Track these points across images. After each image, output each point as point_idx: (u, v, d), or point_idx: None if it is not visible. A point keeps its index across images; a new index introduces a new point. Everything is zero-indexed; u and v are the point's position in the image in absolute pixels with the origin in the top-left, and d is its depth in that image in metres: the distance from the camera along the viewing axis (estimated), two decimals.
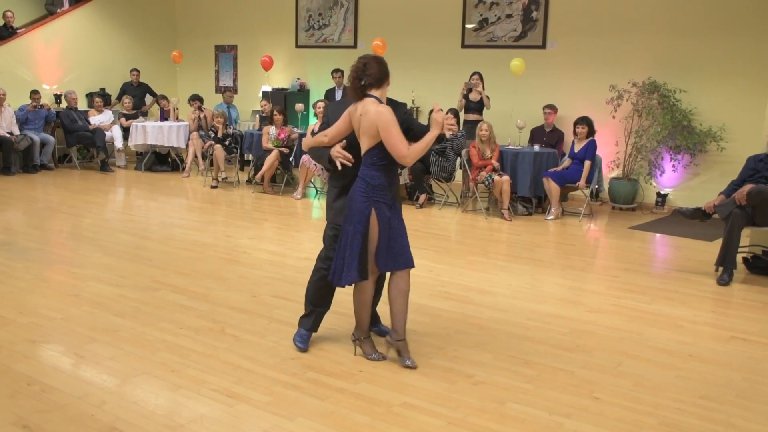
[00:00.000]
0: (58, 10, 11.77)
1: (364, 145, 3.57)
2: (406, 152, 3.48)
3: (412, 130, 3.77)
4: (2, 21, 11.05)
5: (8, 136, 9.92)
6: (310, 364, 3.71)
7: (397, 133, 3.46)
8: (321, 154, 3.75)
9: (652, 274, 5.84)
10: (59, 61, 11.55)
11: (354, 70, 3.60)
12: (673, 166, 8.57)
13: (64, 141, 10.90)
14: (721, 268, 5.60)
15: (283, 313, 4.48)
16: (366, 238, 3.59)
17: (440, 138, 3.61)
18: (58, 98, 11.22)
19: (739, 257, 5.78)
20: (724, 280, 5.49)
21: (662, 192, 8.73)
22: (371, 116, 3.49)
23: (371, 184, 3.57)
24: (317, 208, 8.55)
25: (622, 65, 8.82)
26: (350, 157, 3.61)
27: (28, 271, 5.29)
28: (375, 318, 4.07)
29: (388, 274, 3.77)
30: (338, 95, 10.31)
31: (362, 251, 3.59)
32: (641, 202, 8.82)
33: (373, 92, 3.58)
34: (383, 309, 4.05)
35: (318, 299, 3.91)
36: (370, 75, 3.56)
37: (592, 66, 9.10)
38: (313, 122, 9.57)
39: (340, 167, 3.63)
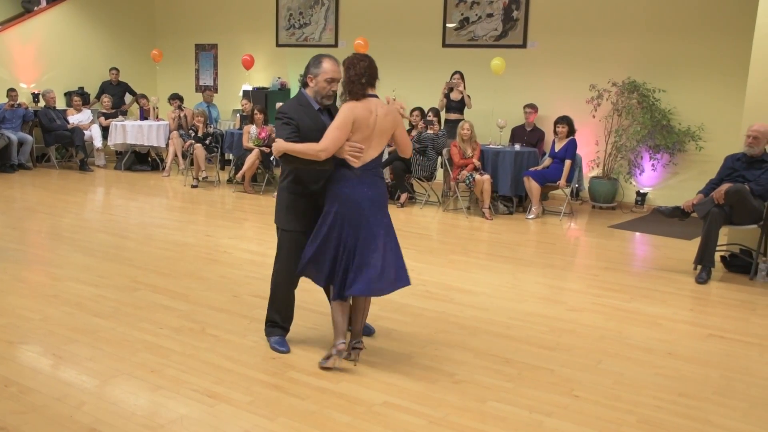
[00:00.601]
0: (36, 8, 11.62)
1: (379, 147, 3.58)
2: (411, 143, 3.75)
3: None
4: None
5: None
6: (290, 363, 3.69)
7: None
8: (305, 162, 3.50)
9: (632, 272, 5.90)
10: (37, 60, 11.40)
11: (355, 69, 3.54)
12: (653, 165, 8.66)
13: (42, 140, 10.76)
14: (699, 267, 5.67)
15: (264, 312, 4.44)
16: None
17: (424, 150, 3.80)
18: (36, 97, 11.08)
19: (717, 256, 5.85)
20: (703, 278, 5.56)
21: (642, 191, 8.82)
22: (394, 116, 3.61)
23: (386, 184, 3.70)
24: None
25: (602, 65, 8.90)
26: (362, 147, 3.52)
27: (6, 272, 5.22)
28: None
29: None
30: None
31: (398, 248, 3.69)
32: (621, 201, 8.91)
33: (371, 91, 3.59)
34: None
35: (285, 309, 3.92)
36: (371, 74, 3.57)
37: (573, 65, 9.17)
38: None
39: (357, 162, 3.53)
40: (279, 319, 3.90)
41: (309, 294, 4.42)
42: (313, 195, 3.66)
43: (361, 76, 3.53)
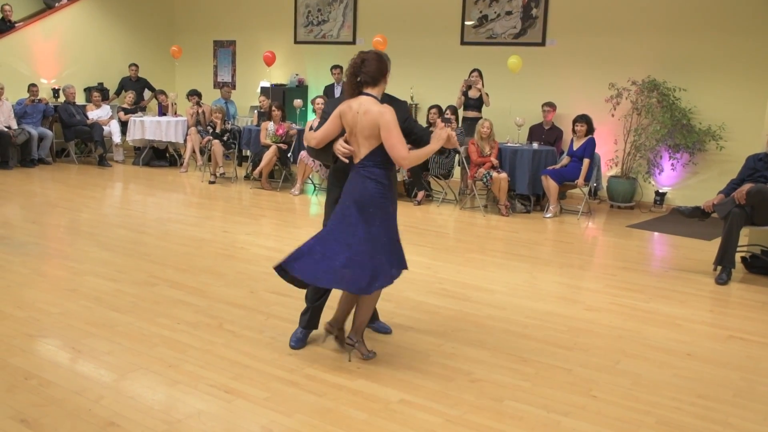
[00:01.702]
0: (57, 4, 11.72)
1: (368, 145, 3.49)
2: (406, 154, 3.46)
3: (414, 133, 3.74)
4: (0, 15, 11.00)
5: (6, 130, 9.88)
6: (308, 360, 3.70)
7: (398, 135, 3.42)
8: (315, 151, 3.74)
9: (650, 272, 5.84)
10: (57, 56, 11.51)
11: (351, 66, 3.55)
12: (672, 164, 8.57)
13: (62, 135, 10.87)
14: (719, 268, 5.60)
15: (281, 309, 4.47)
16: (394, 232, 3.64)
17: (441, 149, 3.65)
18: (56, 92, 11.19)
19: (738, 257, 5.78)
20: (723, 279, 5.49)
21: (661, 191, 8.73)
22: (373, 115, 3.43)
23: (385, 184, 3.54)
24: (315, 204, 8.53)
25: (621, 63, 8.81)
26: (354, 150, 3.56)
27: (26, 266, 5.28)
28: (375, 314, 4.07)
29: None
30: (337, 91, 10.28)
31: (396, 246, 3.63)
32: (640, 200, 8.83)
33: (369, 90, 3.54)
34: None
35: (313, 295, 3.91)
36: (367, 72, 3.51)
37: (592, 64, 9.09)
38: (312, 118, 9.54)
39: (347, 161, 3.58)
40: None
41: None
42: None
43: (356, 75, 3.52)
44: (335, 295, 3.98)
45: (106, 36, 12.10)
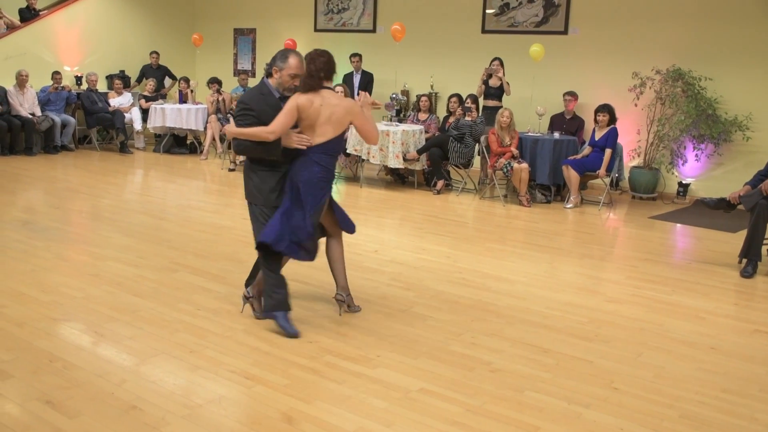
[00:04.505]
0: None
1: (327, 134, 3.85)
2: (377, 132, 4.07)
3: None
4: (25, 3, 11.09)
5: (30, 117, 9.98)
6: (327, 347, 3.70)
7: (371, 118, 4.01)
8: (255, 146, 3.80)
9: (673, 264, 5.77)
10: (80, 43, 11.58)
11: (315, 63, 3.81)
12: (696, 155, 8.45)
13: (84, 122, 10.96)
14: (744, 260, 5.51)
15: (301, 296, 4.48)
16: (320, 213, 3.97)
17: (461, 137, 3.98)
18: (78, 80, 11.27)
19: (764, 249, 5.67)
20: (748, 272, 5.41)
21: (684, 182, 8.61)
22: (345, 107, 3.87)
23: (328, 169, 3.94)
24: (334, 192, 8.50)
25: (645, 52, 8.68)
26: (309, 139, 3.85)
27: (49, 250, 5.33)
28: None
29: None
30: (356, 80, 10.25)
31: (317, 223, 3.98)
32: (662, 191, 8.71)
33: (327, 84, 3.88)
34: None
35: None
36: (329, 69, 3.87)
37: (615, 52, 8.97)
38: None
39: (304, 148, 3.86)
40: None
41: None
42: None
43: (320, 71, 3.84)
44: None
45: (128, 24, 12.16)
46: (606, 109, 7.93)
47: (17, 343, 3.60)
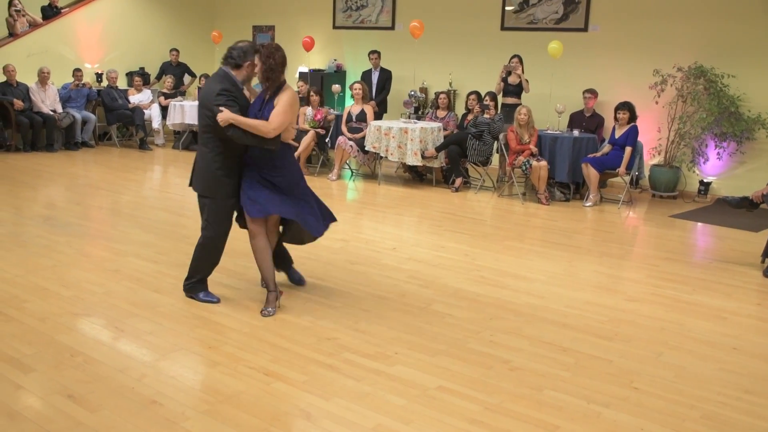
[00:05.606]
0: None
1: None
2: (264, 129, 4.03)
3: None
4: (47, 1, 11.21)
5: (52, 113, 10.09)
6: (346, 345, 3.71)
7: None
8: (252, 135, 3.85)
9: (694, 263, 5.71)
10: (101, 41, 11.69)
11: (274, 57, 3.90)
12: (718, 153, 8.34)
13: (104, 119, 11.05)
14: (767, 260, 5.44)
15: (319, 293, 4.49)
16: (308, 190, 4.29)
17: (480, 135, 4.11)
18: (99, 77, 11.37)
19: None
20: None
21: (705, 180, 8.51)
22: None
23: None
24: (352, 189, 8.53)
25: (666, 49, 8.58)
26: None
27: (70, 246, 5.39)
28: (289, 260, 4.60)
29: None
30: (375, 77, 10.24)
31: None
32: (683, 190, 8.61)
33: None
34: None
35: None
36: (284, 63, 3.98)
37: (636, 50, 8.87)
38: (350, 104, 9.53)
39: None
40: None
41: (365, 276, 4.40)
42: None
43: (279, 65, 3.92)
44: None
45: (147, 21, 12.24)
46: (626, 107, 7.85)
47: (39, 338, 3.64)
